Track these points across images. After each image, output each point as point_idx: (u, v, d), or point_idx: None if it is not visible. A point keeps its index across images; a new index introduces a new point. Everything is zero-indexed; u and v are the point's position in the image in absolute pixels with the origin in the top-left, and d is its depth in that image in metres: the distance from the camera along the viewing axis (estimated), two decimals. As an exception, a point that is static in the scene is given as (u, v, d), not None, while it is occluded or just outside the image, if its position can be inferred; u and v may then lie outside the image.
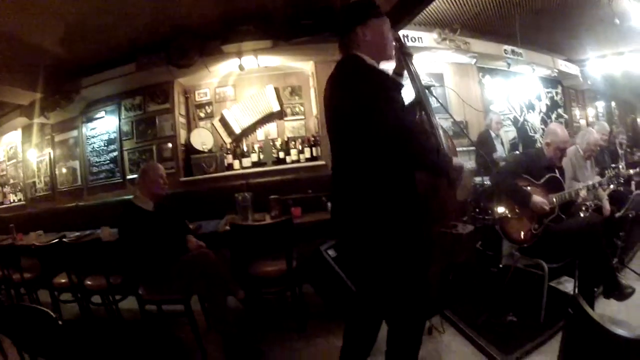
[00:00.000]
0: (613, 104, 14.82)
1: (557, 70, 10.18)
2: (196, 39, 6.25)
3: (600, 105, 13.79)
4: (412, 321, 2.76)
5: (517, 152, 8.08)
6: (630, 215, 5.57)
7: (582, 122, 12.02)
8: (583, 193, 4.50)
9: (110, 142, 7.47)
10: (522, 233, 4.26)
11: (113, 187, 7.36)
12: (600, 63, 10.54)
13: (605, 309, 4.26)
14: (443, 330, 4.20)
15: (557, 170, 4.53)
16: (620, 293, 4.17)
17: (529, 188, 4.30)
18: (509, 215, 4.29)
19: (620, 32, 7.83)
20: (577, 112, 12.09)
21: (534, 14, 7.25)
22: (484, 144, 7.20)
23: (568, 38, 9.08)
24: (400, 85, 2.67)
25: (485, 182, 5.83)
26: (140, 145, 7.18)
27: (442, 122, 6.94)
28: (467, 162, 6.63)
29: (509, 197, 4.33)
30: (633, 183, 6.05)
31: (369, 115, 2.41)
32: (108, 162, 7.47)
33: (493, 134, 7.34)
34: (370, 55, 2.64)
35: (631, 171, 6.25)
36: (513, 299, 4.33)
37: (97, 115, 7.63)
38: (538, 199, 4.19)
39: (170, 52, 6.34)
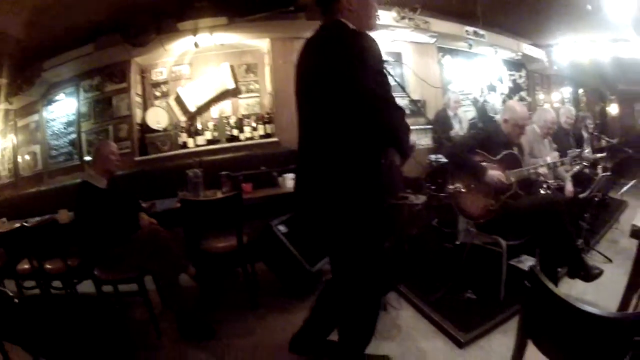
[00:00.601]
0: (581, 90, 14.96)
1: (521, 54, 10.24)
2: (153, 17, 6.22)
3: (567, 91, 13.93)
4: (369, 293, 2.80)
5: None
6: (596, 199, 5.59)
7: (547, 106, 11.72)
8: (543, 170, 4.44)
9: (69, 124, 7.36)
10: (478, 209, 4.25)
11: (72, 170, 7.24)
12: (569, 49, 10.62)
13: (571, 290, 4.27)
14: (401, 306, 4.21)
15: (515, 148, 4.54)
16: (587, 274, 4.16)
17: (484, 163, 4.27)
18: (464, 191, 4.25)
19: (593, 19, 7.87)
20: (541, 96, 12.20)
21: None
22: (440, 122, 7.24)
23: (535, 22, 9.12)
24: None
25: (440, 159, 5.82)
26: (97, 126, 7.08)
27: (399, 101, 6.88)
28: (423, 139, 6.60)
29: (462, 171, 4.31)
30: (599, 167, 6.04)
31: (353, 78, 2.43)
32: (67, 144, 7.36)
33: (451, 113, 7.39)
34: (353, 24, 2.62)
35: (598, 155, 6.26)
36: (472, 276, 4.31)
37: (57, 98, 7.51)
38: (494, 172, 4.18)
39: (127, 30, 6.31)
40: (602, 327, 1.44)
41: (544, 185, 4.67)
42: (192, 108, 6.93)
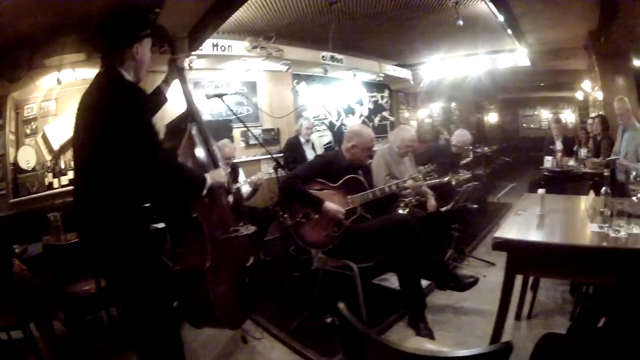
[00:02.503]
0: (453, 104, 15.36)
1: (382, 75, 10.42)
2: (25, 52, 6.08)
3: (438, 106, 14.27)
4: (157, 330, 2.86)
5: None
6: (468, 206, 5.93)
7: (414, 123, 12.45)
8: (388, 189, 4.47)
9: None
10: (320, 237, 4.23)
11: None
12: (438, 66, 10.79)
13: (451, 298, 4.62)
14: (262, 336, 4.24)
15: (361, 171, 4.56)
16: (458, 284, 4.35)
17: (324, 191, 4.29)
18: (303, 221, 4.26)
19: (466, 34, 7.94)
20: (406, 114, 12.49)
21: (354, 21, 7.22)
22: (292, 150, 7.34)
23: (400, 43, 9.26)
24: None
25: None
26: (-20, 166, 6.84)
27: (252, 131, 6.92)
28: (270, 169, 6.65)
29: (299, 203, 4.30)
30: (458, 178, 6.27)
31: (127, 130, 2.54)
32: (-41, 187, 7.04)
33: (303, 140, 7.49)
34: (131, 72, 2.75)
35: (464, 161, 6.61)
36: (331, 301, 4.34)
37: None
38: (331, 205, 4.17)
39: (2, 65, 6.12)
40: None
41: (402, 204, 4.83)
42: (55, 146, 6.68)
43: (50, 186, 6.58)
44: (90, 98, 2.70)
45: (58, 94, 6.71)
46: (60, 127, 6.66)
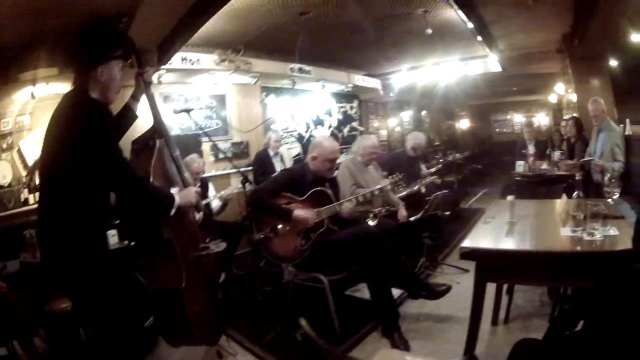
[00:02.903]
0: (424, 112, 15.29)
1: (351, 85, 10.43)
2: (3, 65, 5.97)
3: (407, 114, 14.25)
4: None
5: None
6: (438, 214, 5.90)
7: (384, 132, 12.59)
8: (350, 203, 4.55)
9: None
10: (288, 251, 4.27)
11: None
12: (408, 75, 10.75)
13: (424, 308, 4.59)
14: (235, 352, 4.15)
15: (327, 183, 4.64)
16: (430, 292, 4.32)
17: (291, 205, 4.33)
18: (271, 236, 4.26)
19: (435, 42, 7.92)
20: (375, 123, 12.48)
21: (322, 32, 7.15)
22: (260, 163, 7.36)
23: (369, 53, 9.24)
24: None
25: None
26: (-39, 182, 6.70)
27: (221, 144, 6.86)
28: (239, 183, 6.68)
29: (268, 215, 4.33)
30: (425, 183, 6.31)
31: (92, 150, 2.55)
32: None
33: (271, 153, 7.50)
34: (98, 93, 2.74)
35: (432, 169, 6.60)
36: (303, 313, 4.35)
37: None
38: (300, 212, 4.23)
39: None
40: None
41: (371, 215, 4.80)
42: (30, 162, 6.58)
43: (26, 202, 6.54)
44: (56, 116, 2.71)
45: (32, 109, 6.65)
46: (34, 142, 6.59)
